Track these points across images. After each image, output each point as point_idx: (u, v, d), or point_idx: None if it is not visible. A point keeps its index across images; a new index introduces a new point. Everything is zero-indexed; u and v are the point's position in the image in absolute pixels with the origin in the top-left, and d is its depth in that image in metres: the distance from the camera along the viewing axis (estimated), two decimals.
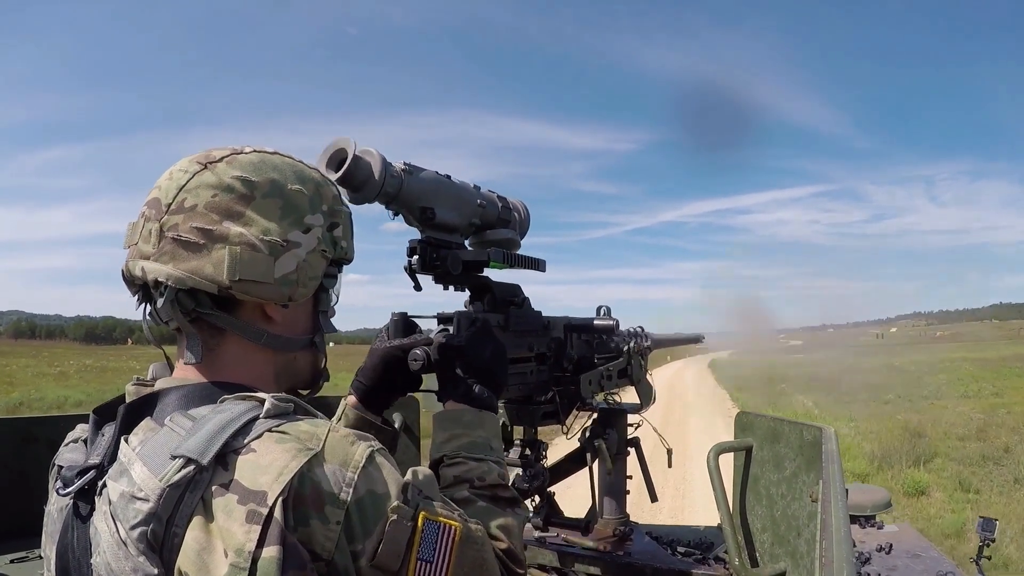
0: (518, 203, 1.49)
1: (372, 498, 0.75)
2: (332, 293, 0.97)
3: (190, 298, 0.83)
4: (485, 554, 0.84)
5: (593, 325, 1.66)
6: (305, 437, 0.75)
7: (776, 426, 1.54)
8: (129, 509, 0.71)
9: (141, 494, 0.71)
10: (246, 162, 0.86)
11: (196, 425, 0.75)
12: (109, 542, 0.72)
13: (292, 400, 0.80)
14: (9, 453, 1.93)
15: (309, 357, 0.96)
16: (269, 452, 0.72)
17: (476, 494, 0.96)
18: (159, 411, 0.81)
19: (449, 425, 1.04)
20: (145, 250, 0.83)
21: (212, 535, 0.70)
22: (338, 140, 1.11)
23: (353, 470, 0.75)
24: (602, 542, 1.85)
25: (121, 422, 0.80)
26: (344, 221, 0.96)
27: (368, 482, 0.75)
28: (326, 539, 0.72)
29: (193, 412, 0.78)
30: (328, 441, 0.75)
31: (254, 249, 0.83)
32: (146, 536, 0.70)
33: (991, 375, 26.59)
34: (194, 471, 0.71)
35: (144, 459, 0.74)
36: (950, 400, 18.90)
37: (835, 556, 0.96)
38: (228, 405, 0.78)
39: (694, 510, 7.38)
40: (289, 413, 0.78)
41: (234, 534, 0.68)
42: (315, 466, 0.73)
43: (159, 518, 0.70)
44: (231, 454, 0.72)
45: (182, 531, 0.70)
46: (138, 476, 0.73)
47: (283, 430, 0.75)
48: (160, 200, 0.83)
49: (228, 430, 0.73)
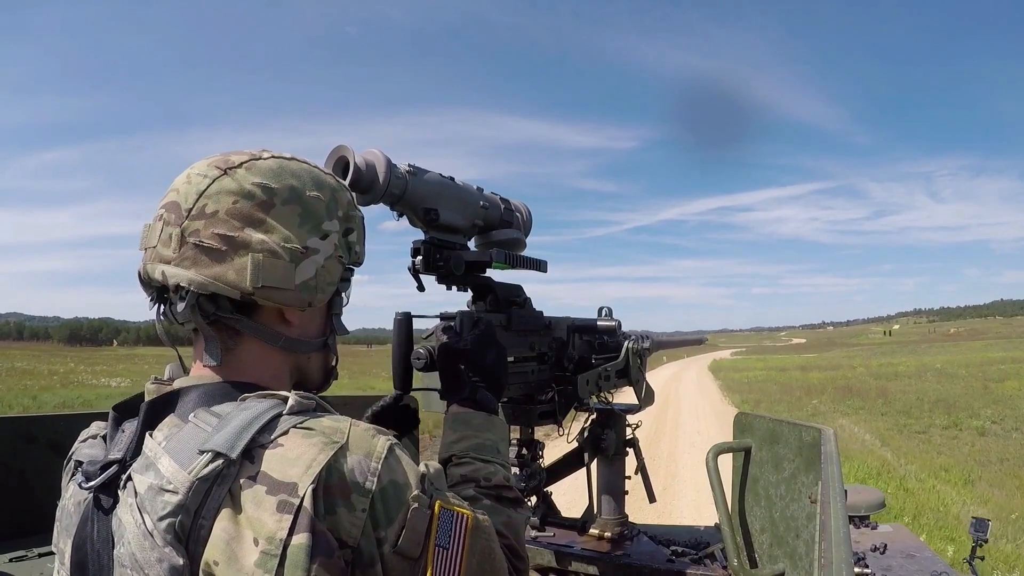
0: (520, 204, 1.50)
1: (394, 487, 0.78)
2: (344, 296, 0.99)
3: (211, 302, 0.84)
4: (493, 543, 0.87)
5: (597, 326, 1.67)
6: (330, 431, 0.77)
7: (775, 427, 1.55)
8: (157, 501, 0.73)
9: (170, 487, 0.73)
10: (265, 168, 0.87)
11: (222, 422, 0.77)
12: (135, 533, 0.74)
13: (313, 398, 0.83)
14: (9, 453, 1.92)
15: (322, 358, 0.99)
16: (297, 446, 0.75)
17: (482, 493, 0.99)
18: (181, 408, 0.83)
19: (460, 427, 1.07)
20: (165, 254, 0.84)
21: (241, 525, 0.72)
22: (339, 147, 1.13)
23: (376, 460, 0.77)
24: (601, 542, 1.86)
25: (144, 418, 0.82)
26: (358, 226, 0.98)
27: (390, 472, 0.78)
28: (352, 526, 0.74)
29: (217, 409, 0.80)
30: (352, 434, 0.78)
31: (275, 256, 0.84)
32: (174, 527, 0.72)
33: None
34: (223, 465, 0.73)
35: (171, 453, 0.76)
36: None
37: (834, 557, 0.97)
38: (251, 403, 0.80)
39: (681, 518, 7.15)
40: (312, 410, 0.81)
41: (264, 523, 0.71)
42: (341, 458, 0.75)
43: (187, 510, 0.72)
44: (258, 449, 0.75)
45: (209, 523, 0.72)
46: (166, 469, 0.75)
47: (308, 426, 0.77)
48: (179, 204, 0.84)
49: (255, 426, 0.76)
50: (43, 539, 1.82)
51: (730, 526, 1.54)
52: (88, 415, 2.13)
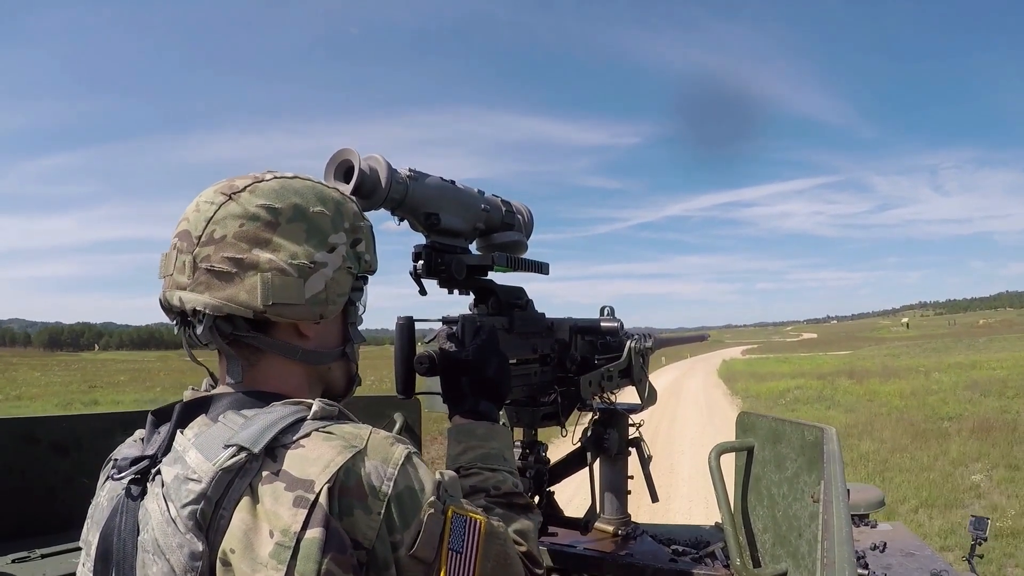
0: (521, 206, 1.50)
1: (410, 493, 0.81)
2: (359, 305, 1.01)
3: (227, 323, 0.88)
4: (508, 549, 0.89)
5: (599, 327, 1.68)
6: (350, 437, 0.81)
7: (777, 426, 1.55)
8: (182, 489, 0.77)
9: (194, 476, 0.77)
10: (268, 189, 0.90)
11: (248, 421, 0.81)
12: (159, 519, 0.78)
13: (336, 405, 0.86)
14: (10, 453, 1.93)
15: (343, 366, 1.02)
16: (317, 448, 0.79)
17: (493, 502, 1.00)
18: (213, 411, 0.87)
19: (464, 438, 1.08)
20: (181, 281, 0.87)
21: (259, 517, 0.75)
22: (342, 151, 1.13)
23: (393, 467, 0.81)
24: (604, 542, 1.86)
25: (177, 418, 0.86)
26: (366, 235, 1.00)
27: (406, 479, 0.81)
28: (368, 528, 0.77)
29: (245, 412, 0.85)
30: (371, 441, 0.81)
31: (284, 274, 0.87)
32: (195, 515, 0.75)
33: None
34: (246, 458, 0.77)
35: (199, 447, 0.80)
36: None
37: (837, 557, 0.97)
38: (277, 407, 0.84)
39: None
40: (334, 416, 0.85)
41: (281, 516, 0.74)
42: (359, 462, 0.79)
43: (209, 499, 0.76)
44: (280, 448, 0.78)
45: (229, 513, 0.75)
46: (192, 461, 0.79)
47: (329, 430, 0.81)
48: (190, 232, 0.88)
49: (278, 426, 0.80)
50: (45, 540, 1.83)
51: (733, 525, 1.55)
52: (90, 416, 2.14)
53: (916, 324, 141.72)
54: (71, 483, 1.94)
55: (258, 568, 0.72)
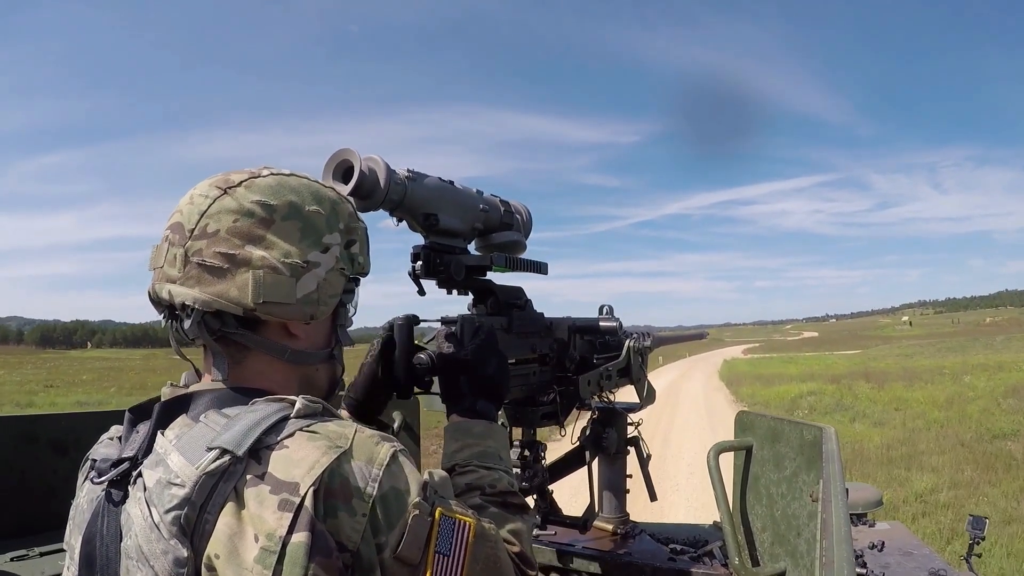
0: (520, 206, 1.50)
1: (395, 494, 0.79)
2: (350, 307, 1.00)
3: (216, 319, 0.86)
4: (499, 551, 0.88)
5: (598, 326, 1.67)
6: (334, 436, 0.79)
7: (776, 425, 1.55)
8: (164, 494, 0.75)
9: (177, 480, 0.75)
10: (264, 186, 0.88)
11: (231, 422, 0.79)
12: (142, 525, 0.76)
13: (320, 402, 0.84)
14: (9, 452, 1.93)
15: (328, 369, 1.00)
16: (301, 448, 0.77)
17: (487, 501, 0.99)
18: (193, 410, 0.85)
19: (461, 436, 1.07)
20: (171, 274, 0.86)
21: (243, 521, 0.73)
22: (342, 151, 1.13)
23: (378, 467, 0.78)
24: (602, 540, 1.86)
25: (157, 418, 0.84)
26: (360, 237, 0.98)
27: (392, 479, 0.79)
28: (352, 530, 0.75)
29: (227, 411, 0.82)
30: (355, 440, 0.79)
31: (276, 272, 0.86)
32: (179, 520, 0.74)
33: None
34: (229, 461, 0.75)
35: (181, 450, 0.78)
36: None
37: (835, 556, 0.97)
38: (260, 405, 0.82)
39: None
40: (318, 414, 0.83)
41: (266, 520, 0.72)
42: (344, 462, 0.77)
43: (193, 504, 0.74)
44: (264, 449, 0.76)
45: (213, 518, 0.73)
46: (175, 464, 0.77)
47: (313, 429, 0.79)
48: (183, 225, 0.86)
49: (262, 426, 0.78)
50: (44, 538, 1.83)
51: (731, 524, 1.55)
52: (90, 415, 2.14)
53: (918, 322, 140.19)
54: (70, 481, 1.94)
55: (243, 573, 0.71)
